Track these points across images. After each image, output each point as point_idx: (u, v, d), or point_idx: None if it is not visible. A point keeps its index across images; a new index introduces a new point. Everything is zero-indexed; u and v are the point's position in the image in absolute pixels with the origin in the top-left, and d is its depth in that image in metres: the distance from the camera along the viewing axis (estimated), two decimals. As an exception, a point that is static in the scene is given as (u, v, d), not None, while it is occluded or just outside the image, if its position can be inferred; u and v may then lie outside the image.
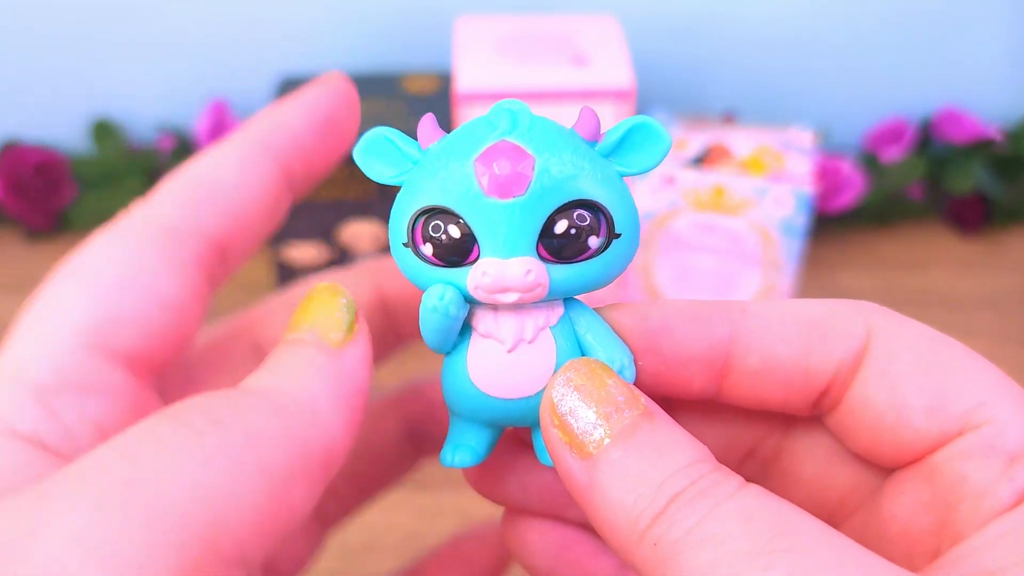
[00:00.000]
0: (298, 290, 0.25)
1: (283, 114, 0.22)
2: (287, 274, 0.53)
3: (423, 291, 0.20)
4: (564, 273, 0.19)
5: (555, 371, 0.19)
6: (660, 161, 0.20)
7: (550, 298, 0.19)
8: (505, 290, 0.19)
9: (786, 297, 0.52)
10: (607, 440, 0.18)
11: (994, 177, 0.62)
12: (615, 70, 0.49)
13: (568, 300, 0.20)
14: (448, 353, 0.20)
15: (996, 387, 0.19)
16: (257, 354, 0.24)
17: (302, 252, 0.52)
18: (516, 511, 0.23)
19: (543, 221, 0.19)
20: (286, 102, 0.22)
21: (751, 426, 0.23)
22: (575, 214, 0.19)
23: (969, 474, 0.19)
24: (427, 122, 0.20)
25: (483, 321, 0.20)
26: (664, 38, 0.61)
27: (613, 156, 0.20)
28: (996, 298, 0.58)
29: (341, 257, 0.53)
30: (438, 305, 0.19)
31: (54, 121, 0.63)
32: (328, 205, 0.51)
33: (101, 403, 0.18)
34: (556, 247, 0.19)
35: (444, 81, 0.55)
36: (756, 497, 0.17)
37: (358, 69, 0.60)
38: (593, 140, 0.20)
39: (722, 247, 0.52)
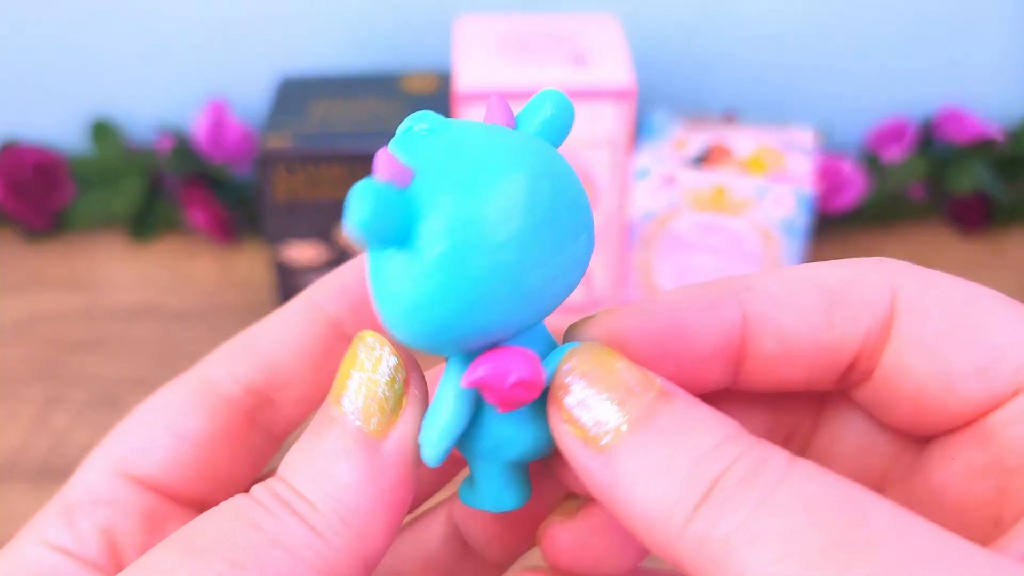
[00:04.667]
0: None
1: (337, 271, 0.23)
2: (286, 274, 0.53)
3: None
4: None
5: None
6: (563, 123, 0.18)
7: None
8: None
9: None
10: (624, 427, 0.16)
11: (995, 177, 0.62)
12: (615, 70, 0.48)
13: None
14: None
15: None
16: None
17: (301, 252, 0.52)
18: None
19: None
20: (345, 264, 0.23)
21: (778, 411, 0.21)
22: None
23: None
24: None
25: None
26: (664, 38, 0.61)
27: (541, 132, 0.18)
28: (997, 298, 0.58)
29: (341, 257, 0.52)
30: None
31: (53, 121, 0.63)
32: (328, 205, 0.51)
33: (110, 513, 0.20)
34: None
35: (444, 81, 0.55)
36: (814, 478, 0.15)
37: (358, 69, 0.60)
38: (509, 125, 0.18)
39: (723, 247, 0.52)
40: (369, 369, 0.18)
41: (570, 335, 0.19)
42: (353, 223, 0.15)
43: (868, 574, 0.14)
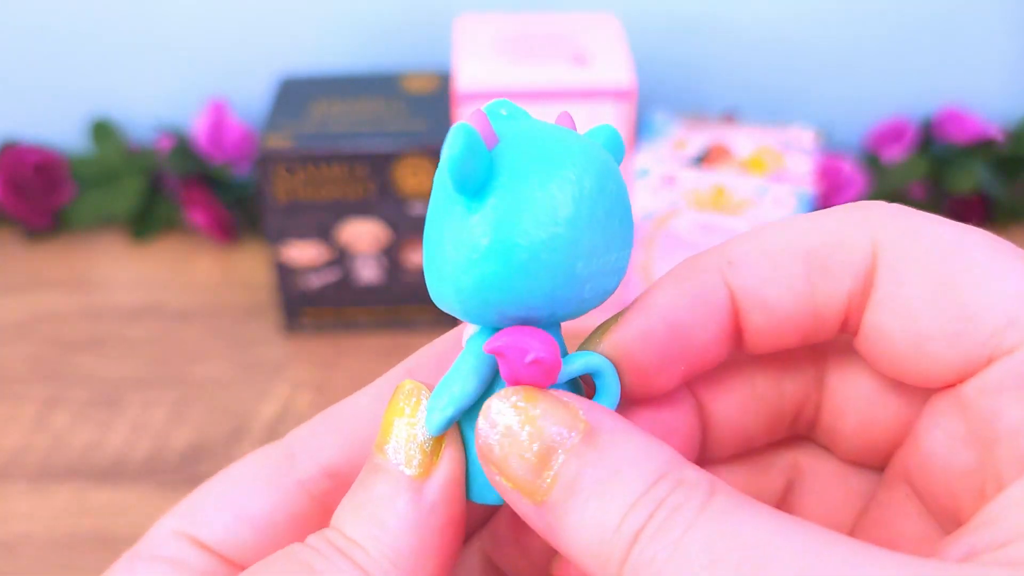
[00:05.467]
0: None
1: (436, 341, 0.21)
2: (287, 274, 0.53)
3: None
4: None
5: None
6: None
7: None
8: None
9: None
10: (551, 483, 0.17)
11: (995, 177, 0.62)
12: (615, 69, 0.48)
13: None
14: None
15: None
16: None
17: (302, 252, 0.52)
18: None
19: None
20: (444, 335, 0.22)
21: (783, 391, 0.21)
22: None
23: (1003, 410, 0.17)
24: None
25: None
26: (664, 38, 0.61)
27: None
28: (997, 298, 0.58)
29: (341, 257, 0.52)
30: None
31: (53, 121, 0.63)
32: (328, 205, 0.51)
33: (168, 569, 0.20)
34: None
35: (444, 81, 0.55)
36: (722, 517, 0.15)
37: (358, 69, 0.60)
38: None
39: (723, 247, 0.52)
40: (408, 414, 0.19)
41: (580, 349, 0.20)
42: (446, 156, 0.16)
43: None
